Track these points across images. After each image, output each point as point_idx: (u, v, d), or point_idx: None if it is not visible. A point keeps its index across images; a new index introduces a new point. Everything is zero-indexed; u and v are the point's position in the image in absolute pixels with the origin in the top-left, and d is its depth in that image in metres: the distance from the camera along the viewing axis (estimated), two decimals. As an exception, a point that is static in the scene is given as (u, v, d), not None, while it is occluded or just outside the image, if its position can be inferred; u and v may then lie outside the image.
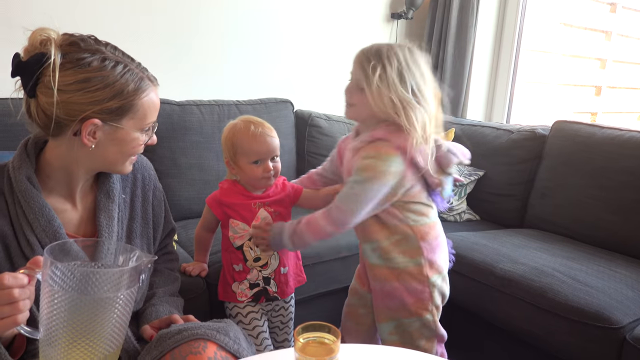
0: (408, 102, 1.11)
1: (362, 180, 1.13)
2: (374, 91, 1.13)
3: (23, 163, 0.90)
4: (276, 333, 1.41)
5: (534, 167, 2.11)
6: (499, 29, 2.83)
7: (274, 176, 1.29)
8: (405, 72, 1.12)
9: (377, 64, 1.12)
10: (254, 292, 1.32)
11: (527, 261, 1.58)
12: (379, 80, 1.12)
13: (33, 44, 0.83)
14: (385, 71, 1.12)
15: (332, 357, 0.73)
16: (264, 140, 1.26)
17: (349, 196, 1.14)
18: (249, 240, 1.29)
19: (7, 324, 0.69)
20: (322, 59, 2.55)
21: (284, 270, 1.33)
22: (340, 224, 1.15)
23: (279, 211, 1.32)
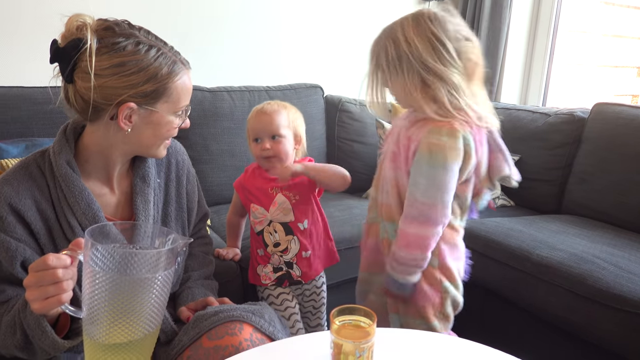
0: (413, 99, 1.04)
1: (435, 162, 1.02)
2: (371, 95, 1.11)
3: (63, 148, 0.92)
4: (309, 318, 1.41)
5: (573, 151, 2.04)
6: (536, 9, 2.72)
7: (275, 157, 1.27)
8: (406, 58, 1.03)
9: (372, 58, 1.09)
10: (277, 276, 1.33)
11: (565, 247, 1.54)
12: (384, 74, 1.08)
13: (70, 29, 0.85)
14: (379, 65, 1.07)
15: (368, 340, 0.73)
16: (259, 117, 1.27)
17: (429, 186, 1.03)
18: (268, 226, 1.29)
19: (52, 303, 0.71)
20: (352, 43, 2.52)
21: (305, 254, 1.32)
22: (433, 221, 1.04)
23: (298, 195, 1.30)
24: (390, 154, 1.13)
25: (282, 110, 1.29)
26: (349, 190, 2.20)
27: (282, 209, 1.29)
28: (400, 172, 1.11)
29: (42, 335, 0.77)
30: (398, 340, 0.91)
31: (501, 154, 1.12)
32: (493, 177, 1.13)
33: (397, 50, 1.03)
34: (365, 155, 2.25)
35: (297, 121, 1.32)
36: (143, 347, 0.76)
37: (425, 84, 1.03)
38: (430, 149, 1.03)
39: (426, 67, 1.01)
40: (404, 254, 1.07)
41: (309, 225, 1.32)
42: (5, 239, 0.85)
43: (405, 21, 1.06)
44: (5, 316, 0.83)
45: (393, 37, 1.04)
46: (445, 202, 1.04)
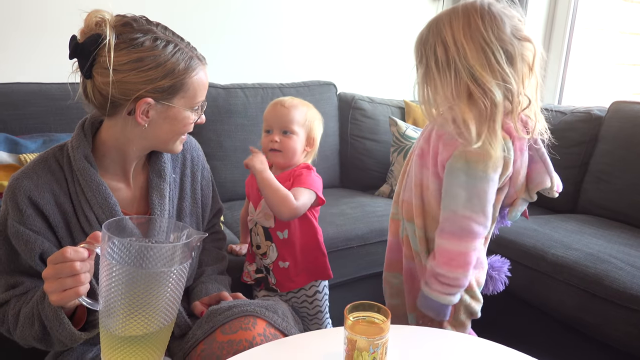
0: (456, 105, 0.96)
1: (475, 172, 0.95)
2: (419, 94, 1.02)
3: (81, 142, 0.93)
4: (307, 323, 1.38)
5: (589, 150, 2.01)
6: (552, 5, 2.69)
7: (281, 152, 1.24)
8: (454, 63, 0.95)
9: (422, 58, 1.00)
10: (256, 277, 1.33)
11: (581, 247, 1.52)
12: (422, 80, 1.01)
13: (89, 25, 0.85)
14: (429, 69, 0.98)
15: (382, 336, 0.73)
16: (275, 108, 1.25)
17: (470, 198, 0.96)
18: (255, 226, 1.29)
19: (70, 295, 0.72)
20: (365, 41, 2.51)
21: (282, 264, 1.27)
22: (474, 235, 0.98)
23: None
24: (418, 151, 1.08)
25: (301, 107, 1.25)
26: (362, 187, 2.22)
27: (264, 213, 1.25)
28: (426, 171, 1.05)
29: (59, 326, 0.78)
30: (412, 337, 0.91)
31: (543, 164, 1.05)
32: (531, 188, 1.06)
33: (446, 54, 0.95)
34: (377, 152, 2.24)
35: (314, 123, 1.28)
36: (158, 340, 0.77)
37: (469, 92, 0.96)
38: (467, 158, 0.95)
39: (473, 77, 0.94)
40: (445, 271, 0.99)
41: (290, 236, 1.26)
42: (24, 232, 0.86)
43: (455, 19, 0.96)
44: (24, 308, 0.84)
45: (442, 38, 0.96)
46: (487, 213, 0.98)
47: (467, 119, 0.94)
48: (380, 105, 2.31)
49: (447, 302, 1.01)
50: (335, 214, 1.77)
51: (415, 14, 2.59)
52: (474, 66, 0.93)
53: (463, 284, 1.01)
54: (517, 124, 0.99)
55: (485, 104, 0.94)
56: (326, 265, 1.33)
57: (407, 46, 2.62)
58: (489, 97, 0.93)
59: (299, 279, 1.29)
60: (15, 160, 1.44)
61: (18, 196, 0.87)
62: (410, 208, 1.10)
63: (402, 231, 1.14)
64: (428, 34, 1.00)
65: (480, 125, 0.94)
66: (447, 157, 0.99)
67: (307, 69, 2.38)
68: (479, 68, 0.93)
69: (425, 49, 1.00)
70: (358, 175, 2.25)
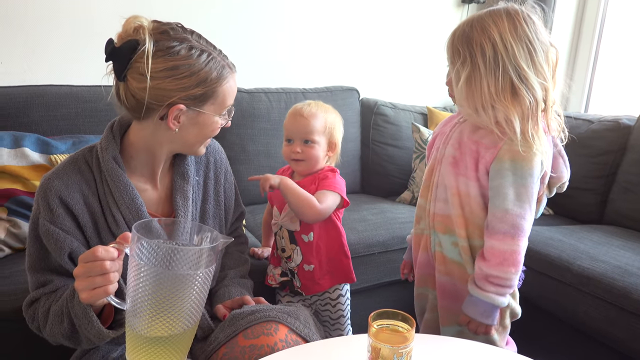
0: (500, 102, 0.97)
1: (522, 170, 0.98)
2: (463, 91, 1.01)
3: (109, 144, 0.95)
4: (328, 327, 1.38)
5: (617, 159, 1.97)
6: (580, 11, 2.65)
7: (303, 161, 1.25)
8: (501, 60, 0.97)
9: (467, 56, 1.00)
10: (281, 280, 1.33)
11: (608, 259, 1.48)
12: (467, 80, 1.00)
13: (127, 30, 0.87)
14: (475, 66, 0.99)
15: (407, 345, 0.72)
16: (294, 119, 1.24)
17: (519, 196, 0.99)
18: (280, 230, 1.29)
19: (99, 294, 0.73)
20: (389, 46, 2.51)
21: (307, 267, 1.27)
22: (524, 233, 1.00)
23: None
24: (450, 159, 1.08)
25: (320, 115, 1.25)
26: (383, 194, 2.21)
27: (289, 217, 1.25)
28: (464, 179, 1.06)
29: (88, 324, 0.80)
30: (436, 347, 0.90)
31: (562, 159, 1.09)
32: (552, 183, 1.09)
33: (494, 51, 0.98)
34: (399, 158, 2.23)
35: (334, 127, 1.28)
36: (182, 342, 0.77)
37: (514, 89, 0.98)
38: (514, 157, 0.99)
39: (519, 73, 0.97)
40: (498, 272, 1.00)
41: (315, 239, 1.26)
42: (55, 231, 0.88)
43: (499, 20, 0.99)
44: (54, 305, 0.86)
45: (489, 36, 0.98)
46: (533, 210, 1.01)
47: (511, 116, 0.97)
48: (402, 111, 2.30)
49: (499, 303, 1.01)
50: (356, 220, 1.76)
51: (440, 20, 2.58)
52: (521, 64, 0.97)
53: (514, 284, 1.03)
54: (550, 122, 1.02)
55: (530, 100, 0.97)
56: (350, 269, 1.33)
57: (431, 52, 2.62)
58: (532, 94, 0.97)
59: (324, 281, 1.30)
60: (46, 161, 1.47)
61: (49, 196, 0.89)
62: (444, 220, 1.10)
63: (434, 246, 1.13)
64: (472, 31, 1.01)
65: (524, 123, 0.98)
66: (491, 159, 1.02)
67: (330, 74, 2.38)
68: (524, 66, 0.97)
69: (470, 46, 1.00)
70: (379, 181, 2.25)
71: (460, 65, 1.02)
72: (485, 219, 1.05)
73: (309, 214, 1.18)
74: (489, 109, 1.00)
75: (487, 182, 1.04)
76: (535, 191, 1.01)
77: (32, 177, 1.45)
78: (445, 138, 1.12)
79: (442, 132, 1.16)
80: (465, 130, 1.06)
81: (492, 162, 1.01)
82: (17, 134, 1.50)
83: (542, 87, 0.98)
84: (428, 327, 1.20)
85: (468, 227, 1.07)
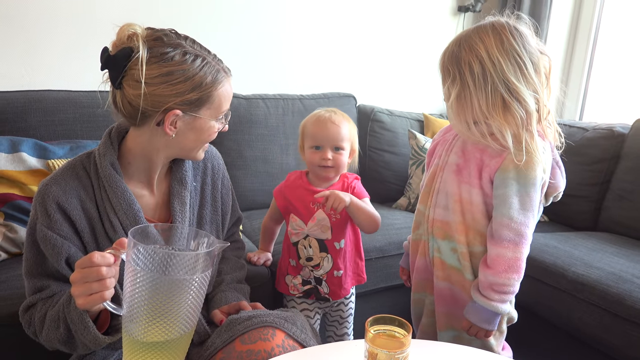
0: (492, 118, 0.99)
1: (525, 179, 1.00)
2: (454, 108, 1.02)
3: (107, 150, 0.95)
4: (335, 327, 1.41)
5: (611, 167, 1.99)
6: (575, 21, 2.67)
7: (333, 168, 1.26)
8: (490, 77, 0.98)
9: (457, 75, 1.01)
10: (305, 289, 1.32)
11: (602, 266, 1.49)
12: (457, 96, 1.01)
13: (121, 38, 0.88)
14: (465, 84, 1.00)
15: (403, 350, 0.72)
16: (324, 126, 1.24)
17: (523, 204, 1.01)
18: (304, 239, 1.28)
19: (95, 299, 0.74)
20: (386, 54, 2.52)
21: (337, 274, 1.29)
22: (527, 241, 1.02)
23: (340, 215, 1.26)
24: (453, 167, 1.09)
25: (345, 123, 1.27)
26: (380, 200, 2.21)
27: (320, 226, 1.26)
28: (467, 186, 1.07)
29: (84, 330, 0.80)
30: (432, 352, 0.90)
31: (559, 168, 1.10)
32: (550, 193, 1.10)
33: (482, 68, 0.98)
34: (396, 165, 2.24)
35: (355, 135, 1.30)
36: (178, 347, 0.78)
37: (505, 104, 0.99)
38: (518, 167, 0.99)
39: (508, 87, 0.98)
40: (503, 279, 1.01)
41: (345, 245, 1.29)
42: (52, 236, 0.88)
43: (485, 36, 1.00)
44: (50, 311, 0.86)
45: (477, 54, 0.99)
46: (535, 218, 1.03)
47: (504, 130, 0.98)
48: (399, 118, 2.31)
49: (502, 310, 1.03)
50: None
51: (437, 28, 2.60)
52: (510, 79, 0.98)
53: (516, 290, 1.04)
54: (546, 130, 1.04)
55: (521, 114, 0.98)
56: (363, 270, 1.38)
57: (427, 59, 2.64)
58: (523, 107, 0.98)
59: (347, 285, 1.33)
60: (44, 166, 1.47)
61: (47, 201, 0.89)
62: (444, 226, 1.11)
63: (432, 251, 1.14)
64: (460, 50, 1.02)
65: (519, 134, 0.99)
66: (496, 168, 1.03)
67: (327, 81, 2.40)
68: (514, 80, 0.98)
69: (459, 65, 1.01)
70: (376, 188, 2.25)
71: (451, 84, 1.03)
72: (486, 226, 1.07)
73: (375, 226, 1.27)
74: (482, 124, 1.01)
75: (491, 190, 1.05)
76: (537, 200, 1.03)
77: (30, 182, 1.45)
78: (448, 146, 1.13)
79: (444, 139, 1.16)
80: (469, 139, 1.07)
81: (497, 171, 1.02)
82: (15, 139, 1.50)
83: (535, 98, 0.99)
84: (425, 332, 1.21)
85: (469, 234, 1.08)
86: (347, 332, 1.41)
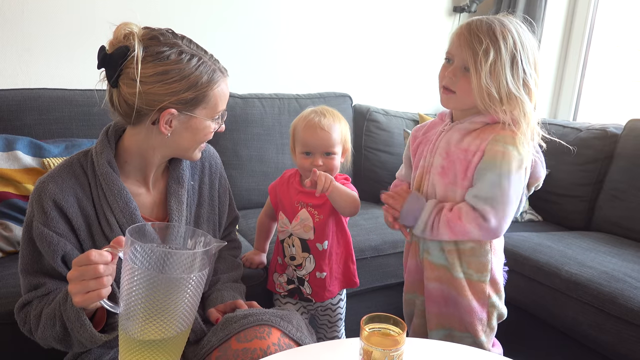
0: (516, 97, 0.98)
1: (500, 170, 0.99)
2: (483, 80, 0.98)
3: (104, 148, 0.96)
4: (325, 331, 1.40)
5: (604, 167, 2.01)
6: (569, 22, 2.69)
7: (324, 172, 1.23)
8: (518, 58, 0.98)
9: (490, 46, 0.97)
10: (289, 288, 1.33)
11: (595, 265, 1.51)
12: (491, 68, 0.97)
13: (117, 37, 0.88)
14: (499, 57, 0.97)
15: (398, 348, 0.73)
16: (314, 132, 1.21)
17: (504, 196, 1.00)
18: (289, 238, 1.29)
19: (92, 297, 0.74)
20: (381, 53, 2.53)
21: (319, 275, 1.28)
22: (494, 232, 1.03)
23: (323, 215, 1.25)
24: (439, 169, 1.09)
25: (337, 125, 1.24)
26: (375, 199, 2.21)
27: (302, 225, 1.26)
28: (454, 187, 1.07)
29: (80, 328, 0.80)
30: (427, 350, 0.91)
31: (539, 158, 1.10)
32: (531, 182, 1.10)
33: (514, 48, 0.99)
34: (391, 165, 2.25)
35: (347, 134, 1.28)
36: (175, 346, 0.78)
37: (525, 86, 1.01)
38: (495, 157, 1.00)
39: (525, 76, 1.00)
40: (445, 234, 1.05)
41: (330, 247, 1.28)
42: (48, 234, 0.88)
43: (517, 25, 1.02)
44: (46, 309, 0.86)
45: (512, 35, 0.99)
46: (511, 214, 1.02)
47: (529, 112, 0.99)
48: (395, 117, 2.32)
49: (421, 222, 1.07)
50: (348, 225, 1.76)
51: (432, 28, 2.61)
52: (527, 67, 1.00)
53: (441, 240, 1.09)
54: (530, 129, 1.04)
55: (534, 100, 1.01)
56: (355, 273, 1.35)
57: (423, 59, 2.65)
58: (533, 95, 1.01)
59: (333, 287, 1.31)
60: (39, 164, 1.47)
61: (43, 199, 0.89)
62: None
63: (422, 253, 1.15)
64: (492, 23, 1.01)
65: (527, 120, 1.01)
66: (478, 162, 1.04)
67: (323, 81, 2.40)
68: (530, 69, 1.00)
69: (494, 35, 0.99)
70: (371, 187, 2.26)
71: (483, 54, 0.98)
72: None
73: (355, 210, 1.25)
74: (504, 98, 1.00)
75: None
76: (514, 197, 1.02)
77: (25, 180, 1.44)
78: (432, 146, 1.12)
79: (427, 139, 1.16)
80: (452, 139, 1.07)
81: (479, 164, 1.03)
82: (10, 137, 1.49)
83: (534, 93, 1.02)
84: (416, 332, 1.22)
85: None
86: (338, 335, 1.40)
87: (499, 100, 0.99)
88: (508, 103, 0.99)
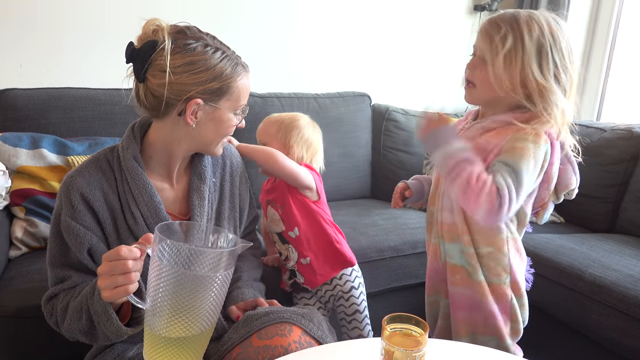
0: (544, 86, 0.95)
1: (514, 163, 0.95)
2: (498, 67, 0.95)
3: (130, 143, 0.98)
4: (346, 327, 1.40)
5: (630, 168, 1.96)
6: (593, 20, 2.64)
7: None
8: (547, 48, 0.95)
9: (509, 33, 0.96)
10: (290, 283, 1.37)
11: (620, 268, 1.48)
12: (508, 53, 0.95)
13: (146, 32, 0.92)
14: (520, 43, 0.95)
15: (420, 349, 0.73)
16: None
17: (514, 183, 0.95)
18: (273, 235, 1.36)
19: (120, 292, 0.75)
20: (401, 53, 2.52)
21: (304, 261, 1.32)
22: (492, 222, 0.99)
23: (284, 205, 1.31)
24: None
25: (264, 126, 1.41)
26: (394, 199, 2.21)
27: (273, 220, 1.34)
28: None
29: (107, 321, 0.81)
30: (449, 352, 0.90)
31: (570, 165, 1.08)
32: (559, 189, 1.08)
33: (542, 37, 0.96)
34: (411, 164, 2.24)
35: (275, 131, 1.40)
36: (198, 344, 0.79)
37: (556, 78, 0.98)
38: (513, 153, 0.97)
39: (557, 69, 0.97)
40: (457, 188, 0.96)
41: (301, 232, 1.32)
42: (75, 226, 0.91)
43: (549, 17, 1.00)
44: (72, 301, 0.88)
45: (540, 25, 0.97)
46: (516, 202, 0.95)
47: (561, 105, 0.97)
48: (414, 117, 2.30)
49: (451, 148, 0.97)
50: (367, 225, 1.77)
51: (452, 27, 2.59)
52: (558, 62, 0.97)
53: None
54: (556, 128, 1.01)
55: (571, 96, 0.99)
56: (343, 252, 1.35)
57: (443, 59, 2.62)
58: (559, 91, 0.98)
59: (324, 271, 1.33)
60: (63, 162, 1.50)
61: (71, 193, 0.92)
62: (451, 229, 1.11)
63: (443, 256, 1.14)
64: (517, 14, 0.99)
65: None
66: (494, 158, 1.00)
67: (342, 80, 2.40)
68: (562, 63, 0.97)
69: (516, 23, 0.97)
70: (390, 187, 2.22)
71: (500, 40, 0.96)
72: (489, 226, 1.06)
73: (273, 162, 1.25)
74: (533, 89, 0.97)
75: None
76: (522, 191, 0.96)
77: (50, 177, 1.47)
78: None
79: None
80: (471, 136, 1.06)
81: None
82: (36, 135, 1.52)
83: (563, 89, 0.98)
84: (441, 335, 1.20)
85: (473, 235, 1.08)
86: (362, 333, 1.38)
87: (525, 89, 0.96)
88: (539, 95, 0.96)
